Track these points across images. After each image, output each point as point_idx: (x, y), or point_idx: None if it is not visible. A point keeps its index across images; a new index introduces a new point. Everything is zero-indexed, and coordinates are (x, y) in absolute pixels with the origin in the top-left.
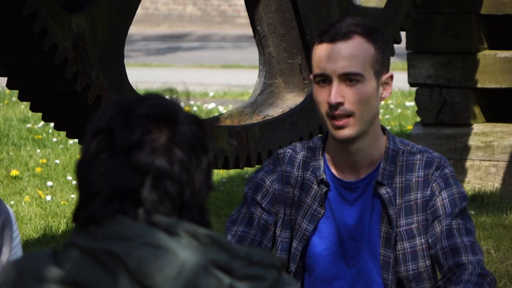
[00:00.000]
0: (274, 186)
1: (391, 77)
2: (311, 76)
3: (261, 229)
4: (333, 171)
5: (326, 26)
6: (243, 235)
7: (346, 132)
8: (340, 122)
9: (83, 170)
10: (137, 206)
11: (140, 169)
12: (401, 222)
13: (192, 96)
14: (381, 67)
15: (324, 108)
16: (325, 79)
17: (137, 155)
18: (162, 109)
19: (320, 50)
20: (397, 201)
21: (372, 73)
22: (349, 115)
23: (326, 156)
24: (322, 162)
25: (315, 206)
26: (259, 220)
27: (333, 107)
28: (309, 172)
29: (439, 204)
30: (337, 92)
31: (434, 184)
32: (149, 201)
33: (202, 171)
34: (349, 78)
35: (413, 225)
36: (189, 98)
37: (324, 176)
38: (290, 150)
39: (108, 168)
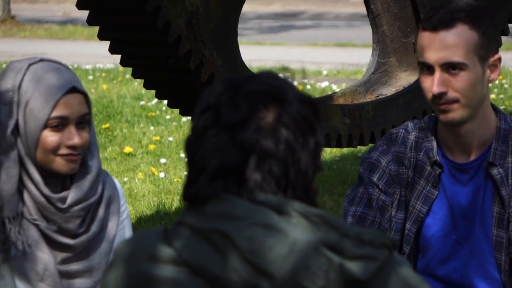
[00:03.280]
0: (390, 167)
1: (499, 59)
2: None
3: (379, 210)
4: (445, 152)
5: (429, 12)
6: (363, 216)
7: (450, 116)
8: (444, 106)
9: (191, 147)
10: (240, 184)
11: (245, 147)
12: None
13: (305, 74)
14: (487, 51)
15: (428, 95)
16: (428, 68)
17: (243, 133)
18: (271, 87)
19: (423, 38)
20: (510, 181)
21: (476, 60)
22: (453, 101)
23: (438, 137)
24: (434, 143)
25: (428, 187)
26: (377, 201)
27: (437, 96)
28: (421, 153)
29: None
30: (439, 82)
31: None
32: (252, 180)
33: (309, 151)
34: (452, 67)
35: None
36: (304, 76)
37: (437, 158)
38: (403, 130)
39: (214, 145)
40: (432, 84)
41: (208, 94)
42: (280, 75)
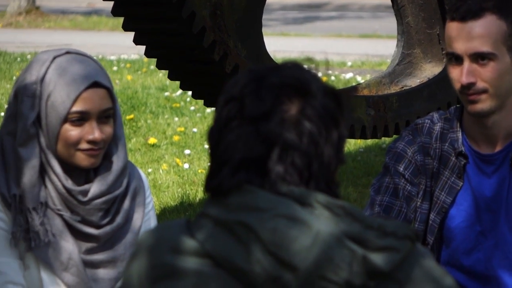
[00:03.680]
0: (416, 157)
1: None
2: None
3: (405, 200)
4: (470, 143)
5: (457, 2)
6: (389, 206)
7: (479, 107)
8: (473, 97)
9: (214, 138)
10: (263, 176)
11: (268, 139)
12: None
13: (330, 65)
14: None
15: (457, 86)
16: (456, 58)
17: (266, 125)
18: (295, 80)
19: (451, 29)
20: None
21: (504, 50)
22: (482, 92)
23: (464, 127)
24: (460, 134)
25: (453, 178)
26: (403, 191)
27: (466, 87)
28: (446, 144)
29: None
30: (468, 73)
31: None
32: (275, 172)
33: (332, 144)
34: (480, 57)
35: None
36: (328, 67)
37: (463, 148)
38: (428, 121)
39: (237, 137)
40: (461, 75)
41: (232, 85)
42: (305, 66)
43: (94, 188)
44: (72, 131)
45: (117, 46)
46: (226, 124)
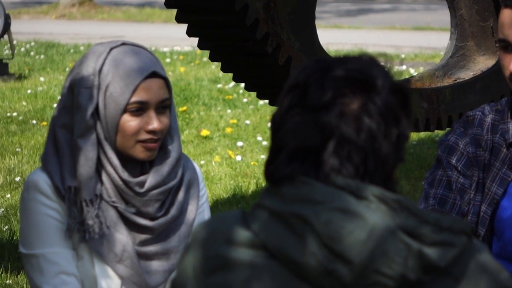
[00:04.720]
0: (467, 149)
1: None
2: None
3: (459, 192)
4: None
5: None
6: (444, 199)
7: None
8: None
9: (275, 123)
10: (317, 167)
11: (325, 131)
12: None
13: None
14: None
15: (506, 73)
16: (507, 45)
17: (325, 116)
18: (361, 74)
19: (504, 15)
20: None
21: None
22: None
23: None
24: (510, 125)
25: (504, 169)
26: (456, 183)
27: None
28: (497, 135)
29: None
30: None
31: None
32: (329, 165)
33: (390, 142)
34: None
35: None
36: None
37: None
38: (480, 113)
39: (296, 124)
40: (510, 62)
41: (299, 72)
42: (377, 60)
43: (151, 179)
44: (131, 122)
45: (170, 38)
46: (287, 110)
